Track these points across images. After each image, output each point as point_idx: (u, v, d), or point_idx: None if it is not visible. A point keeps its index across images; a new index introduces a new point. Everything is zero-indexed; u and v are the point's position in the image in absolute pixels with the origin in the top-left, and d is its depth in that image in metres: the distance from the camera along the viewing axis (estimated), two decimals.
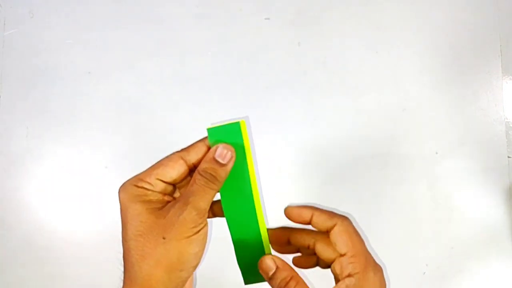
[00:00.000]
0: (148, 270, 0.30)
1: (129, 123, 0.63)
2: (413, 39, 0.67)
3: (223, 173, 0.32)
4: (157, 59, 0.64)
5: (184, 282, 0.31)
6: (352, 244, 0.33)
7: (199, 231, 0.30)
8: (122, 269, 0.31)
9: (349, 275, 0.32)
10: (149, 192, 0.32)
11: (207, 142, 0.33)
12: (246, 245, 0.34)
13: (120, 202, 0.32)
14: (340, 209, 0.64)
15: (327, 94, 0.65)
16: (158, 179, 0.32)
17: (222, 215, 0.35)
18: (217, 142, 0.32)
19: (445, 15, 0.68)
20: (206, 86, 0.64)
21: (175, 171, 0.33)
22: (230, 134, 0.32)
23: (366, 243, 0.35)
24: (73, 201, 0.62)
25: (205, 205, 0.31)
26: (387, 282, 0.34)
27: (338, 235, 0.33)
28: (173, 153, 0.33)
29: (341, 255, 0.33)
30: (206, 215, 0.31)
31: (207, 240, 0.32)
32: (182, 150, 0.33)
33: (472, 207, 0.65)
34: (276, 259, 0.34)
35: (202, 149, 0.33)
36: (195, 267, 0.31)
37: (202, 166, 0.32)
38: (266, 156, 0.64)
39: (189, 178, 0.34)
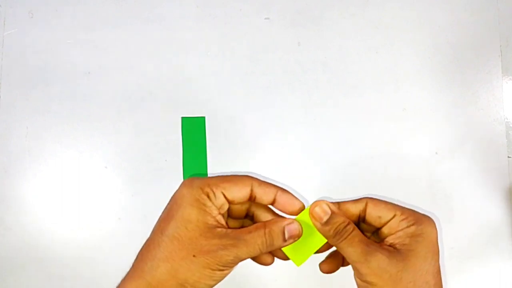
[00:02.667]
0: (164, 275, 0.30)
1: (129, 123, 0.63)
2: (413, 39, 0.67)
3: (279, 246, 0.33)
4: (157, 59, 0.64)
5: None
6: (394, 207, 0.34)
7: (223, 270, 0.31)
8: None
9: (407, 227, 0.32)
10: (209, 203, 0.31)
11: (278, 195, 0.34)
12: None
13: (178, 195, 0.32)
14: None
15: (327, 94, 0.65)
16: (222, 193, 0.32)
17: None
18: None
19: (445, 15, 0.68)
20: (206, 86, 0.64)
21: (241, 194, 0.33)
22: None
23: None
24: (73, 201, 0.62)
25: (246, 257, 0.31)
26: None
27: (376, 207, 0.34)
28: (246, 176, 0.34)
29: (390, 219, 0.34)
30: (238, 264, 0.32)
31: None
32: (255, 178, 0.34)
33: (472, 207, 0.65)
34: (330, 205, 0.34)
35: (270, 195, 0.33)
36: None
37: (271, 225, 0.32)
38: (266, 156, 0.64)
39: (244, 206, 0.35)
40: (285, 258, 0.36)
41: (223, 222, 0.32)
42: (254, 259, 0.35)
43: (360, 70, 0.66)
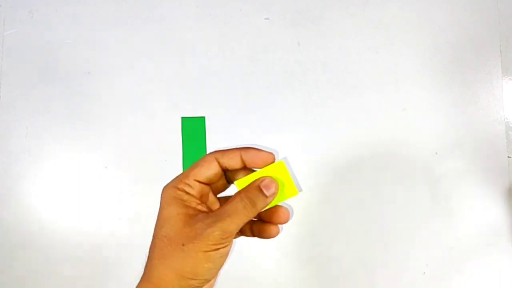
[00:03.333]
0: (162, 271, 0.31)
1: (129, 123, 0.63)
2: (413, 39, 0.67)
3: (263, 204, 0.33)
4: (157, 59, 0.64)
5: None
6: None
7: (218, 249, 0.31)
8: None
9: None
10: (186, 197, 0.33)
11: (242, 153, 0.34)
12: None
13: (160, 202, 0.33)
14: (340, 209, 0.64)
15: (327, 94, 0.65)
16: (195, 180, 0.33)
17: (250, 235, 0.36)
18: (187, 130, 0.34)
19: (445, 15, 0.68)
20: (206, 86, 0.64)
21: (210, 171, 0.34)
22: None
23: (366, 243, 0.36)
24: (73, 201, 0.62)
25: (234, 228, 0.31)
26: (387, 282, 0.35)
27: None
28: (208, 154, 0.34)
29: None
30: (232, 237, 0.32)
31: (227, 258, 0.32)
32: (216, 151, 0.35)
33: (472, 207, 0.65)
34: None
35: (236, 158, 0.34)
36: (207, 280, 0.32)
37: (245, 190, 0.33)
38: None
39: (223, 179, 0.36)
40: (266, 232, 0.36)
41: (205, 209, 0.33)
42: (260, 235, 0.36)
43: (360, 70, 0.66)
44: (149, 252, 0.32)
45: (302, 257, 0.63)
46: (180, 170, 0.63)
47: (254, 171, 0.35)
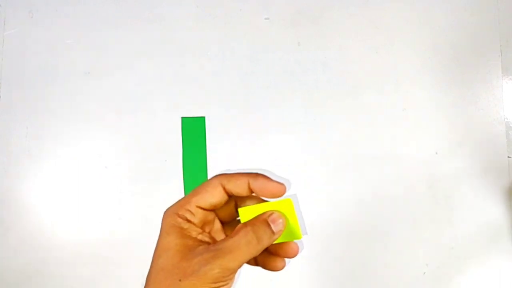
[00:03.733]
0: None
1: (129, 123, 0.63)
2: (413, 39, 0.67)
3: (269, 241, 0.30)
4: (157, 59, 0.64)
5: None
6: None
7: (219, 287, 0.29)
8: None
9: None
10: (186, 225, 0.30)
11: (251, 181, 0.31)
12: None
13: (160, 228, 0.31)
14: (340, 209, 0.64)
15: (327, 94, 0.65)
16: (198, 206, 0.31)
17: (254, 264, 0.33)
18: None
19: (445, 15, 0.68)
20: (206, 86, 0.64)
21: (214, 198, 0.31)
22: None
23: (366, 243, 0.35)
24: (73, 201, 0.62)
25: (235, 266, 0.29)
26: (387, 282, 0.33)
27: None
28: (213, 178, 0.32)
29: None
30: (234, 274, 0.29)
31: None
32: (222, 176, 0.32)
33: (472, 207, 0.65)
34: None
35: (244, 184, 0.31)
36: None
37: (251, 223, 0.30)
38: (266, 156, 0.64)
39: (231, 205, 0.33)
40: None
41: (207, 239, 0.31)
42: (264, 266, 0.33)
43: (360, 70, 0.66)
44: (146, 282, 0.30)
45: (302, 257, 0.63)
46: (180, 170, 0.63)
47: (263, 199, 0.33)
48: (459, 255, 0.64)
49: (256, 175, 0.31)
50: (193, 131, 0.63)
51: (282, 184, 0.31)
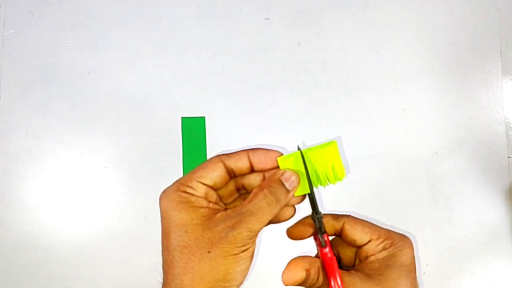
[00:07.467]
0: (190, 284, 0.28)
1: (129, 123, 0.63)
2: (413, 39, 0.67)
3: (286, 198, 0.31)
4: (157, 59, 0.64)
5: None
6: (370, 231, 0.33)
7: (247, 249, 0.29)
8: (161, 280, 0.30)
9: (379, 252, 0.32)
10: (193, 198, 0.30)
11: (250, 154, 0.32)
12: None
13: (161, 210, 0.30)
14: (340, 209, 0.64)
15: (327, 94, 0.65)
16: (199, 181, 0.30)
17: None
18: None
19: (445, 15, 0.68)
20: (206, 86, 0.64)
21: (215, 172, 0.31)
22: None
23: None
24: (73, 201, 0.62)
25: (260, 227, 0.29)
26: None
27: (352, 229, 0.33)
28: (213, 156, 0.32)
29: (366, 243, 0.33)
30: (257, 236, 0.30)
31: (254, 257, 0.30)
32: (222, 154, 0.32)
33: (472, 207, 0.65)
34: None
35: (243, 158, 0.32)
36: (239, 284, 0.30)
37: (267, 184, 0.30)
38: None
39: (230, 185, 0.33)
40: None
41: (218, 206, 0.31)
42: (276, 220, 0.33)
43: (360, 70, 0.66)
44: (166, 269, 0.29)
45: None
46: (180, 170, 0.63)
47: (264, 177, 0.33)
48: (459, 255, 0.64)
49: (255, 148, 0.32)
50: (193, 131, 0.63)
51: (276, 151, 0.32)
